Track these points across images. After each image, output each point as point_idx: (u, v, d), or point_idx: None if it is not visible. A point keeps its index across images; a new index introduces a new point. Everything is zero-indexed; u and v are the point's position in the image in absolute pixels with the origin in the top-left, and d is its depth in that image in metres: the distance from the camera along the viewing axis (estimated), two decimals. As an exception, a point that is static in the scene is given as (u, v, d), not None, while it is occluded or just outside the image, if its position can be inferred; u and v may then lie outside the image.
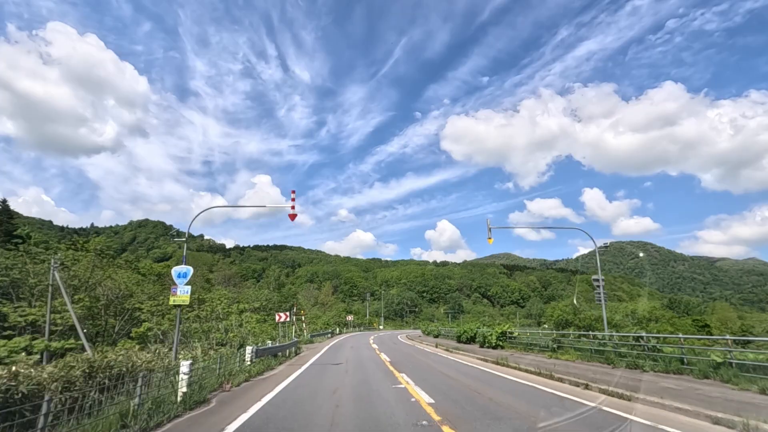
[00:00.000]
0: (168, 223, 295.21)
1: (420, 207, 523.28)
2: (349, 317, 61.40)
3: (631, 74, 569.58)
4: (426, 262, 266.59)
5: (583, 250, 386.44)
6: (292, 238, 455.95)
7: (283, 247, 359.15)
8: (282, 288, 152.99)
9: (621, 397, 10.06)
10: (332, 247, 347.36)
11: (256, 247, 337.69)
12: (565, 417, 7.95)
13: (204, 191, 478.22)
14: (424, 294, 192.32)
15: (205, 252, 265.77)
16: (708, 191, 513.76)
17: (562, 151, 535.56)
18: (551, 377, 13.97)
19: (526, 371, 16.17)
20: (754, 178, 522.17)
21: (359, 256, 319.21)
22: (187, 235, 17.44)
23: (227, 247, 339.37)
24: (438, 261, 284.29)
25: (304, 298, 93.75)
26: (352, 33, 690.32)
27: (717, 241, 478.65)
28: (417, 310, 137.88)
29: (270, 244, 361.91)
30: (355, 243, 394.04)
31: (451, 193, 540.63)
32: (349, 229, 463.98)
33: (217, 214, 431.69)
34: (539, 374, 14.90)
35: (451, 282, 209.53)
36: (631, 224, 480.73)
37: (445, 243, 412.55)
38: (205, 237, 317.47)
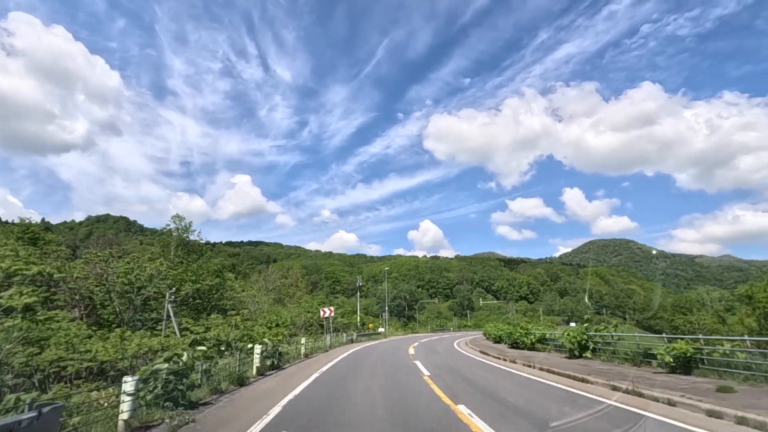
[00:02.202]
0: (132, 219, 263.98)
1: (403, 208, 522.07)
2: (326, 312, 36.49)
3: (608, 77, 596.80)
4: (416, 257, 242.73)
5: (564, 249, 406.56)
6: (272, 238, 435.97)
7: (258, 243, 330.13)
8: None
9: None
10: (315, 247, 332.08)
11: (229, 243, 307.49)
12: None
13: (182, 192, 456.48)
14: (420, 289, 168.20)
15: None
16: (683, 191, 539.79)
17: (544, 150, 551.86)
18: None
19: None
20: (727, 178, 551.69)
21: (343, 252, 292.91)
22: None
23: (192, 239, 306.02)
24: (428, 256, 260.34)
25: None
26: (334, 32, 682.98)
27: (691, 239, 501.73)
28: (417, 307, 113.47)
29: (245, 240, 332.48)
30: (338, 243, 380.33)
31: (434, 193, 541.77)
32: (331, 230, 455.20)
33: (196, 215, 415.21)
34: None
35: (450, 275, 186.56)
36: (610, 223, 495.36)
37: (429, 243, 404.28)
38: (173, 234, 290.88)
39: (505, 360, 22.26)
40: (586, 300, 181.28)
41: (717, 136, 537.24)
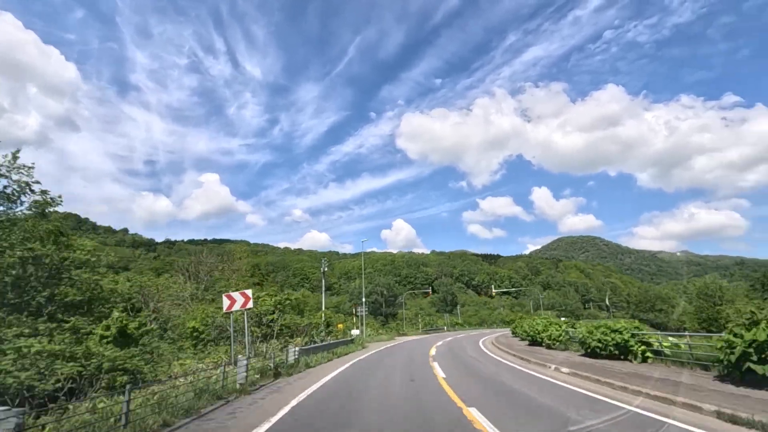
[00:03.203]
0: (84, 216, 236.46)
1: (375, 207, 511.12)
2: (236, 302, 20.37)
3: (574, 80, 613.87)
4: (391, 253, 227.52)
5: (533, 247, 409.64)
6: (242, 237, 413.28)
7: (223, 241, 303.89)
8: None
9: None
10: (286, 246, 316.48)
11: (191, 241, 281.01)
12: None
13: (147, 191, 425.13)
14: (398, 284, 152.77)
15: (124, 247, 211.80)
16: (644, 190, 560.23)
17: (513, 150, 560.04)
18: None
19: None
20: (684, 178, 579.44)
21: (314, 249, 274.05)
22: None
23: (156, 241, 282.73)
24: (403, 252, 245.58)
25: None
26: (306, 30, 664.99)
27: (651, 236, 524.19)
28: (396, 303, 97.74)
29: (209, 238, 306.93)
30: (310, 243, 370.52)
31: (407, 193, 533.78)
32: (303, 230, 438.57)
33: (161, 215, 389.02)
34: None
35: (429, 270, 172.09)
36: (577, 221, 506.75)
37: (402, 242, 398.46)
38: (130, 232, 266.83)
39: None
40: (607, 302, 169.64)
41: (675, 138, 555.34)
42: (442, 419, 7.59)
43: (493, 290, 48.92)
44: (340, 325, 38.64)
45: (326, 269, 45.60)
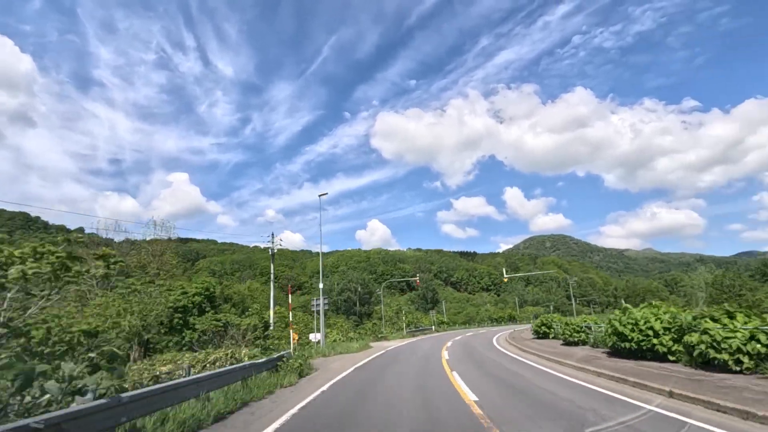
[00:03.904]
0: (34, 215, 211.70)
1: (351, 208, 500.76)
2: None
3: (544, 83, 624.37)
4: (366, 250, 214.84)
5: (505, 246, 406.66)
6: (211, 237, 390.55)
7: (187, 240, 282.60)
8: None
9: None
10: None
11: (154, 241, 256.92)
12: None
13: (111, 191, 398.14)
14: (374, 282, 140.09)
15: (78, 247, 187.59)
16: (610, 190, 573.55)
17: (486, 151, 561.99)
18: None
19: None
20: (648, 178, 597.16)
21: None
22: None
23: (116, 241, 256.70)
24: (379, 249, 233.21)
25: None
26: (280, 28, 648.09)
27: (617, 235, 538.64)
28: (372, 300, 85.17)
29: (174, 238, 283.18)
30: (285, 244, 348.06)
31: (382, 193, 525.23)
32: (277, 230, 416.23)
33: (127, 216, 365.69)
34: None
35: (406, 266, 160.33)
36: (547, 220, 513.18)
37: (377, 242, 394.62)
38: (87, 231, 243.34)
39: None
40: (624, 301, 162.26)
41: (639, 140, 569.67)
42: None
43: (505, 275, 37.92)
44: (295, 335, 25.17)
45: (277, 246, 32.72)
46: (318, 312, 25.45)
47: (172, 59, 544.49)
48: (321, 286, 26.30)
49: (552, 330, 27.47)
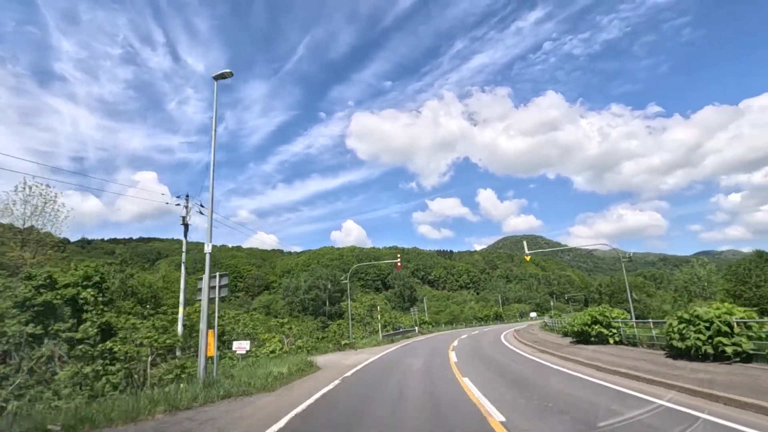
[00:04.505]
0: None
1: (326, 209, 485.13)
2: None
3: (517, 87, 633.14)
4: (341, 248, 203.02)
5: (479, 246, 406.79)
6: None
7: (149, 240, 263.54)
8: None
9: None
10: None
11: (113, 240, 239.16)
12: None
13: (73, 190, 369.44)
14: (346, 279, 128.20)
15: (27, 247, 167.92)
16: (579, 192, 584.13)
17: (461, 153, 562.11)
18: None
19: None
20: (614, 181, 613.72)
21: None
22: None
23: (71, 240, 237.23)
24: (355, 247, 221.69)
25: None
26: (253, 25, 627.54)
27: (585, 235, 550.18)
28: (344, 299, 73.94)
29: (134, 237, 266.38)
30: (257, 245, 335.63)
31: (357, 194, 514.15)
32: (250, 231, 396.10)
33: (89, 216, 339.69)
34: None
35: (382, 264, 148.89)
36: (519, 222, 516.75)
37: (352, 243, 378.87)
38: (42, 230, 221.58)
39: None
40: (633, 295, 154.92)
41: (607, 143, 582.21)
42: None
43: (527, 251, 27.41)
44: (210, 346, 13.50)
45: (194, 212, 21.42)
46: (202, 288, 13.30)
47: (140, 54, 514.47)
48: (208, 249, 14.17)
49: (612, 332, 17.30)
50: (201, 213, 24.31)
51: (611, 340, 17.13)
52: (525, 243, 22.00)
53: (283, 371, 12.03)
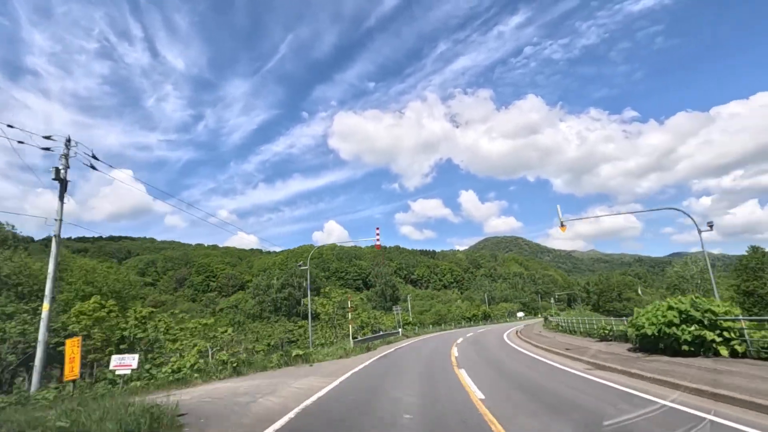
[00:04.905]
0: None
1: (308, 209, 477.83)
2: None
3: (498, 91, 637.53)
4: (321, 246, 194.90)
5: (460, 247, 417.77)
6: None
7: (119, 238, 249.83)
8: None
9: None
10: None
11: (82, 239, 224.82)
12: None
13: (44, 188, 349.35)
14: (326, 280, 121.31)
15: None
16: (558, 194, 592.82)
17: (444, 154, 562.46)
18: None
19: None
20: (592, 183, 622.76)
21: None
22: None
23: (36, 239, 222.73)
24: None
25: None
26: (235, 22, 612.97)
27: (563, 237, 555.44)
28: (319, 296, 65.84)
29: (106, 235, 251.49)
30: (236, 244, 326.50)
31: (340, 194, 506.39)
32: (230, 232, 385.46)
33: (64, 215, 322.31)
34: None
35: (363, 263, 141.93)
36: (500, 223, 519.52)
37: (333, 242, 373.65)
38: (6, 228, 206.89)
39: None
40: (640, 291, 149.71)
41: (585, 147, 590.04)
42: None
43: (561, 217, 20.16)
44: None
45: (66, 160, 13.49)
46: None
47: (117, 49, 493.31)
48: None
49: (727, 336, 10.48)
50: (93, 167, 16.84)
51: (724, 350, 10.29)
52: (558, 207, 15.26)
53: None
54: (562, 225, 14.24)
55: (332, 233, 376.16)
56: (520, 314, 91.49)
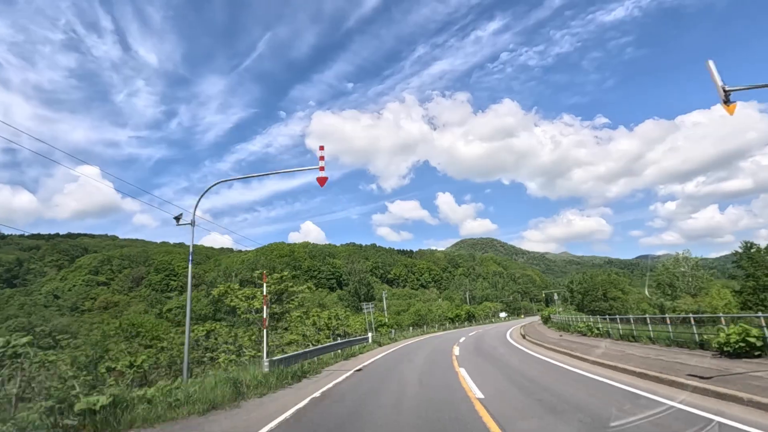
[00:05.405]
0: None
1: (284, 209, 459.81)
2: None
3: (475, 95, 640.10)
4: (293, 243, 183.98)
5: (440, 248, 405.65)
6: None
7: (77, 236, 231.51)
8: None
9: None
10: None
11: (34, 236, 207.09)
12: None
13: (2, 184, 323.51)
14: (297, 278, 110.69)
15: None
16: (532, 197, 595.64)
17: (421, 156, 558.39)
18: None
19: None
20: (565, 187, 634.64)
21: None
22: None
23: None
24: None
25: None
26: (210, 18, 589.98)
27: (537, 239, 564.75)
28: (283, 299, 56.04)
29: (63, 232, 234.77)
30: (211, 245, 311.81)
31: (316, 195, 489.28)
32: (203, 233, 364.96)
33: (21, 212, 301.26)
34: None
35: (337, 261, 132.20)
36: (476, 225, 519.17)
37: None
38: None
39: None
40: (646, 292, 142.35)
41: (559, 151, 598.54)
42: None
43: (723, 88, 9.50)
44: None
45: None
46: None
47: (84, 41, 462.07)
48: None
49: None
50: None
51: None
52: (712, 66, 7.01)
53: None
54: (727, 100, 5.50)
55: (309, 234, 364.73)
56: (503, 314, 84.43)
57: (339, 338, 25.93)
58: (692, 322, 13.13)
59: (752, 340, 9.35)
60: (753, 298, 46.90)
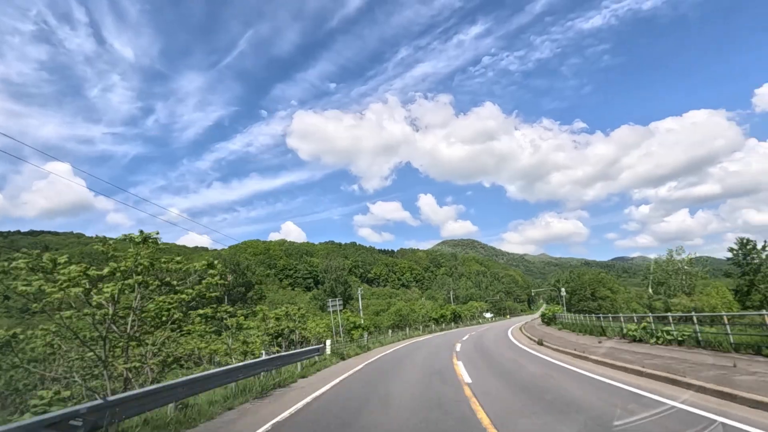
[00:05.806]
0: None
1: (265, 210, 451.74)
2: None
3: (458, 98, 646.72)
4: (269, 241, 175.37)
5: (423, 248, 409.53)
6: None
7: (40, 233, 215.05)
8: None
9: None
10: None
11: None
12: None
13: None
14: (272, 277, 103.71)
15: None
16: (512, 200, 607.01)
17: (403, 157, 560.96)
18: None
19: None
20: (543, 190, 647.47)
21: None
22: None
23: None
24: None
25: None
26: (189, 13, 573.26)
27: (516, 241, 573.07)
28: (252, 295, 49.43)
29: (26, 230, 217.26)
30: (187, 244, 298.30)
31: (298, 195, 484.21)
32: (181, 232, 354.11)
33: None
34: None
35: (315, 260, 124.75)
36: (457, 227, 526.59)
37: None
38: None
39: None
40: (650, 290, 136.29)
41: (538, 155, 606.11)
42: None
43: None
44: None
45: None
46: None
47: (56, 32, 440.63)
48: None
49: None
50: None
51: None
52: None
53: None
54: None
55: (289, 234, 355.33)
56: (488, 315, 79.16)
57: (293, 347, 19.25)
58: None
59: None
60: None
